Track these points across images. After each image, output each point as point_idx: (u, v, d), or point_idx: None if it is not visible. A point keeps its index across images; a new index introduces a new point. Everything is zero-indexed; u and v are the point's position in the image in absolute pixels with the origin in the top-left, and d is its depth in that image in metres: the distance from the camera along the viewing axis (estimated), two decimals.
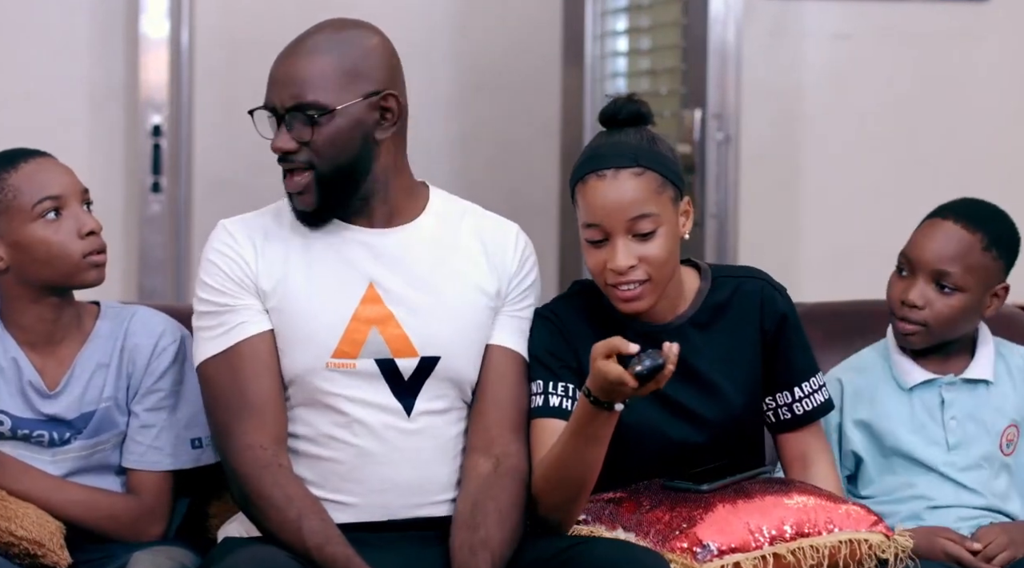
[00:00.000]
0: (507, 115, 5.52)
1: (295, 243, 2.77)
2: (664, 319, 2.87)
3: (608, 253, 2.77)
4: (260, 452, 2.67)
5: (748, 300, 2.90)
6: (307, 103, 2.70)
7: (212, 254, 2.76)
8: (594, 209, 2.76)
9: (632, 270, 2.76)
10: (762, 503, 2.72)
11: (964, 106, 4.85)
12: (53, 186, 2.83)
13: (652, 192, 2.77)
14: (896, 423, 3.00)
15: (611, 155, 2.78)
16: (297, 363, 2.72)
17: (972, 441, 2.99)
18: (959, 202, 3.03)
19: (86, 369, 2.88)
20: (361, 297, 2.74)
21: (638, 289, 2.77)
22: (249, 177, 5.29)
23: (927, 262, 2.96)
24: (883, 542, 2.73)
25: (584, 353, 2.69)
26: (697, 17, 4.66)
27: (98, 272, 2.85)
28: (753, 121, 4.69)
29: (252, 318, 2.73)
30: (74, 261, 2.82)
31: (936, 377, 3.01)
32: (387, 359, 2.73)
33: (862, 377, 3.04)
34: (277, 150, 2.72)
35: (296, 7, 5.33)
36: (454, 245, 2.81)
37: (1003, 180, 4.58)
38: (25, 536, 2.75)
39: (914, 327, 2.97)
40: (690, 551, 2.64)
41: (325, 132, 2.70)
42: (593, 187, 2.77)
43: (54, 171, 2.86)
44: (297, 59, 2.72)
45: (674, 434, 2.84)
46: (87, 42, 4.75)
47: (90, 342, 2.89)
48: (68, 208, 2.83)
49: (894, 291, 3.00)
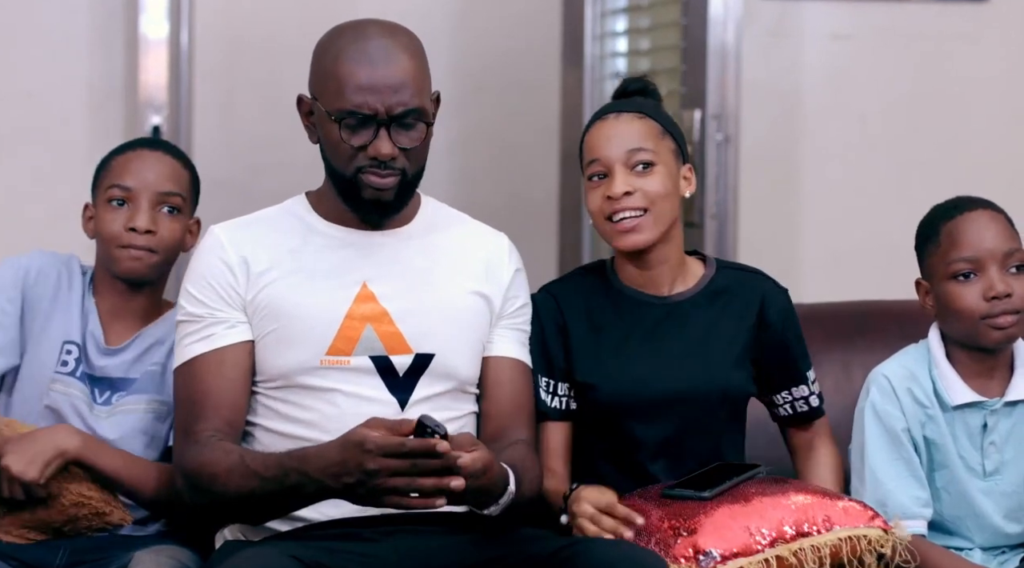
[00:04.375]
0: (507, 116, 5.51)
1: (288, 245, 2.80)
2: (662, 292, 2.94)
3: (607, 185, 2.86)
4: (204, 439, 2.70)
5: (750, 292, 2.98)
6: (413, 109, 2.73)
7: (198, 263, 2.81)
8: (595, 145, 2.90)
9: (629, 197, 2.86)
10: (761, 505, 2.73)
11: (964, 106, 4.84)
12: (127, 178, 2.98)
13: (652, 134, 2.90)
14: (948, 440, 2.97)
15: (616, 106, 2.95)
16: (291, 361, 2.74)
17: (1009, 464, 2.98)
18: (963, 199, 3.02)
19: (146, 340, 3.00)
20: (355, 296, 2.76)
21: (636, 220, 2.86)
22: (248, 177, 5.29)
23: (991, 251, 2.93)
24: (881, 536, 2.74)
25: (576, 326, 2.89)
26: (697, 18, 4.65)
27: (130, 264, 2.97)
28: (753, 122, 4.69)
29: (223, 331, 2.76)
30: (108, 248, 2.97)
31: (983, 399, 2.97)
32: (382, 356, 2.74)
33: (916, 385, 2.98)
34: (385, 156, 2.72)
35: (296, 7, 5.33)
36: (446, 249, 2.85)
37: (1003, 180, 4.57)
38: (95, 495, 2.85)
39: (1013, 318, 2.92)
40: (694, 559, 2.64)
41: (424, 139, 2.75)
42: (597, 128, 2.92)
43: (140, 163, 3.00)
44: (392, 63, 2.73)
45: (664, 386, 2.90)
46: (86, 42, 4.74)
47: (159, 321, 3.01)
48: (135, 202, 2.96)
49: (969, 299, 2.93)
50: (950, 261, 2.94)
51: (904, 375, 2.97)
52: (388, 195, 2.76)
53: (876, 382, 2.98)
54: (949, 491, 2.97)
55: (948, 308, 2.95)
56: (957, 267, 2.93)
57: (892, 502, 2.91)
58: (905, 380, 2.97)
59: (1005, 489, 2.98)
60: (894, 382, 2.96)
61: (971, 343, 2.96)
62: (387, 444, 2.49)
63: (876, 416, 2.95)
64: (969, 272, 2.93)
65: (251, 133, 5.46)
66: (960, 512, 2.97)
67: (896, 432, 2.95)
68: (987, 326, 2.92)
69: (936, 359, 2.98)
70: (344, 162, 2.75)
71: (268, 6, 5.42)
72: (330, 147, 2.77)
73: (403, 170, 2.75)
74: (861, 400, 3.00)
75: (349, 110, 2.72)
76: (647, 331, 2.93)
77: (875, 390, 2.97)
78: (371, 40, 2.75)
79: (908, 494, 2.93)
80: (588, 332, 2.93)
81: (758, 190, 4.72)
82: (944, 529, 2.98)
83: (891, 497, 2.92)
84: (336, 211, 2.83)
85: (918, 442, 2.96)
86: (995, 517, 2.97)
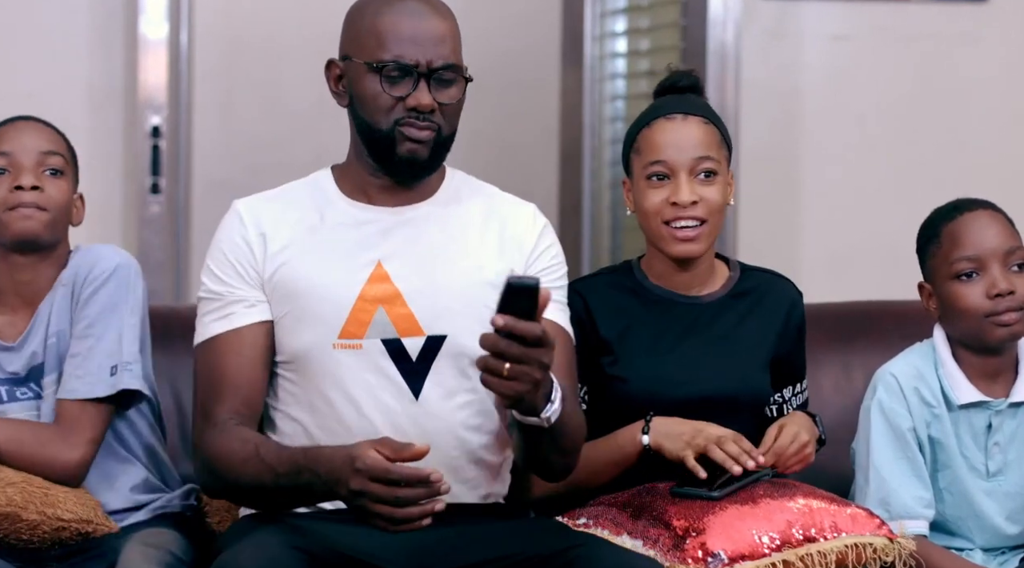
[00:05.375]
0: (507, 116, 5.51)
1: (308, 222, 2.78)
2: (691, 293, 2.96)
3: (671, 189, 2.87)
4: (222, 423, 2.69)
5: (778, 295, 3.00)
6: (453, 64, 2.74)
7: (220, 240, 2.79)
8: (662, 145, 2.88)
9: (694, 206, 2.86)
10: (768, 508, 2.72)
11: (963, 107, 4.84)
12: (4, 145, 2.92)
13: (715, 143, 2.90)
14: (952, 440, 2.97)
15: (680, 104, 2.92)
16: (304, 342, 2.73)
17: (1012, 465, 2.98)
18: (962, 200, 3.01)
19: (44, 314, 2.92)
20: (369, 275, 2.74)
21: (696, 230, 2.88)
22: (248, 178, 5.28)
23: (993, 249, 2.92)
24: (887, 546, 2.73)
25: (605, 322, 2.90)
26: (696, 18, 4.66)
27: (23, 224, 2.88)
28: (752, 122, 4.69)
29: (243, 310, 2.75)
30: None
31: (989, 399, 2.96)
32: (393, 339, 2.72)
33: (923, 384, 2.97)
34: (424, 107, 2.72)
35: (296, 8, 5.34)
36: (464, 223, 2.82)
37: (1003, 181, 4.57)
38: (72, 518, 2.79)
39: (1017, 315, 2.91)
40: (702, 560, 2.64)
41: (460, 96, 2.76)
42: (662, 126, 2.90)
43: (15, 132, 2.94)
44: (433, 19, 2.75)
45: (697, 387, 2.89)
46: (86, 43, 4.75)
47: (50, 293, 2.93)
48: (15, 166, 2.90)
49: (973, 297, 2.92)
50: (952, 261, 2.94)
51: (912, 374, 2.97)
52: (423, 151, 2.74)
53: (883, 381, 2.97)
54: (951, 491, 2.97)
55: (952, 308, 2.95)
56: (959, 266, 2.93)
57: (895, 501, 2.91)
58: (913, 379, 2.97)
59: (1008, 490, 2.97)
60: (902, 381, 2.96)
61: (976, 343, 2.96)
62: (374, 468, 2.47)
63: (882, 414, 2.95)
64: (972, 271, 2.93)
65: (250, 133, 5.47)
66: (962, 513, 2.97)
67: (902, 431, 2.95)
68: (992, 324, 2.92)
69: (942, 358, 2.98)
70: (382, 114, 2.73)
71: (268, 6, 5.42)
72: (367, 100, 2.74)
73: (439, 128, 2.74)
74: (867, 398, 3.00)
75: (390, 59, 2.71)
76: (679, 331, 2.93)
77: (882, 389, 2.97)
78: (409, 1, 2.75)
79: (911, 494, 2.92)
80: (618, 329, 2.93)
81: (758, 190, 4.72)
82: (945, 530, 2.97)
83: (894, 496, 2.91)
84: (359, 185, 2.81)
85: (923, 442, 2.96)
86: (997, 518, 2.97)
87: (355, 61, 2.75)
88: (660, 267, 2.97)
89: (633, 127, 2.96)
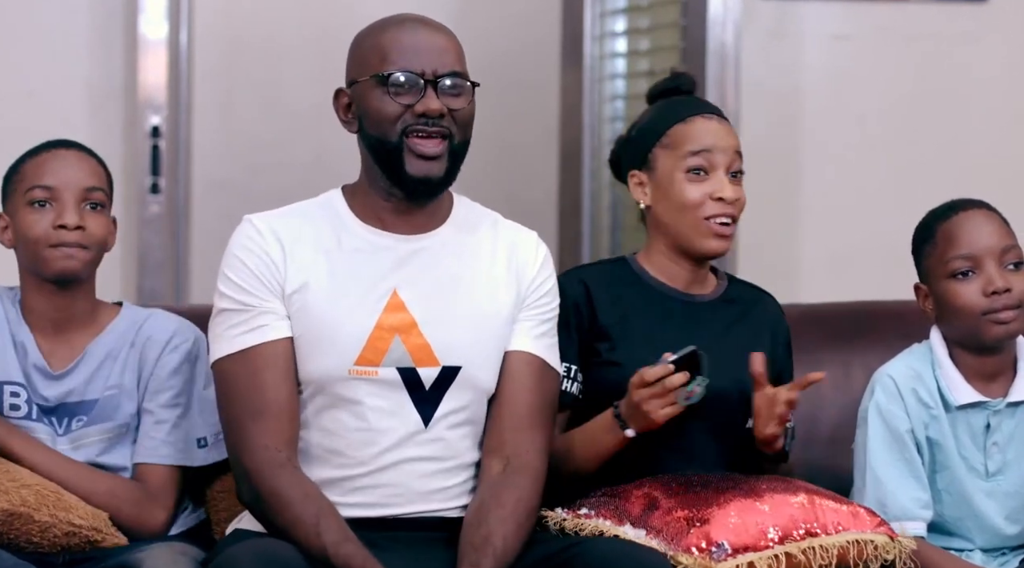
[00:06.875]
0: (507, 116, 5.51)
1: (325, 244, 2.76)
2: (688, 291, 2.99)
3: (713, 185, 2.93)
4: (275, 453, 2.67)
5: (766, 310, 3.05)
6: (458, 72, 2.75)
7: (238, 249, 2.75)
8: (706, 138, 2.94)
9: (734, 204, 2.93)
10: (772, 502, 2.73)
11: (964, 107, 4.84)
12: (47, 177, 2.91)
13: (739, 147, 2.97)
14: (951, 441, 2.97)
15: (710, 106, 3.02)
16: (320, 368, 2.72)
17: (1012, 465, 2.98)
18: (957, 200, 3.02)
19: (95, 357, 2.93)
20: (385, 304, 2.73)
21: (731, 228, 2.94)
22: (248, 178, 5.29)
23: (989, 247, 2.93)
24: (888, 544, 2.74)
25: (604, 309, 2.91)
26: (696, 18, 4.66)
27: (64, 263, 2.89)
28: (752, 122, 4.69)
29: (274, 322, 2.72)
30: (36, 250, 2.89)
31: (987, 400, 2.97)
32: (409, 368, 2.72)
33: (921, 386, 2.98)
34: (433, 112, 2.72)
35: (295, 8, 5.33)
36: (476, 253, 2.81)
37: (1003, 181, 4.57)
38: (84, 524, 2.80)
39: (1014, 312, 2.92)
40: (706, 550, 2.65)
41: (469, 105, 2.77)
42: (704, 123, 2.95)
43: (59, 163, 2.93)
44: (437, 32, 2.78)
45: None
46: (86, 43, 4.74)
47: (104, 335, 2.95)
48: (59, 201, 2.90)
49: (969, 296, 2.92)
50: (948, 260, 2.94)
51: (909, 375, 2.97)
52: (436, 168, 2.73)
53: (881, 382, 2.98)
54: (950, 492, 2.97)
55: (948, 307, 2.95)
56: (955, 265, 2.93)
57: (892, 503, 2.91)
58: (910, 381, 2.97)
59: (1008, 489, 2.97)
60: (899, 383, 2.96)
61: (973, 342, 2.96)
62: None
63: (880, 416, 2.95)
64: (967, 270, 2.93)
65: (250, 133, 5.47)
66: (961, 513, 2.97)
67: (900, 433, 2.95)
68: (988, 322, 2.92)
69: (939, 359, 2.98)
70: (389, 125, 2.71)
71: (268, 6, 5.42)
72: (375, 115, 2.73)
73: (451, 135, 2.73)
74: (865, 399, 3.00)
75: (397, 70, 2.71)
76: (675, 324, 2.94)
77: (880, 390, 2.97)
78: (412, 21, 2.78)
79: (909, 495, 2.93)
80: (616, 317, 2.94)
81: (758, 190, 4.70)
82: (944, 530, 2.97)
83: (891, 498, 2.91)
84: (372, 210, 2.79)
85: (921, 443, 2.96)
86: (996, 518, 2.97)
87: (361, 81, 2.75)
88: (664, 261, 2.98)
89: (661, 122, 2.97)
